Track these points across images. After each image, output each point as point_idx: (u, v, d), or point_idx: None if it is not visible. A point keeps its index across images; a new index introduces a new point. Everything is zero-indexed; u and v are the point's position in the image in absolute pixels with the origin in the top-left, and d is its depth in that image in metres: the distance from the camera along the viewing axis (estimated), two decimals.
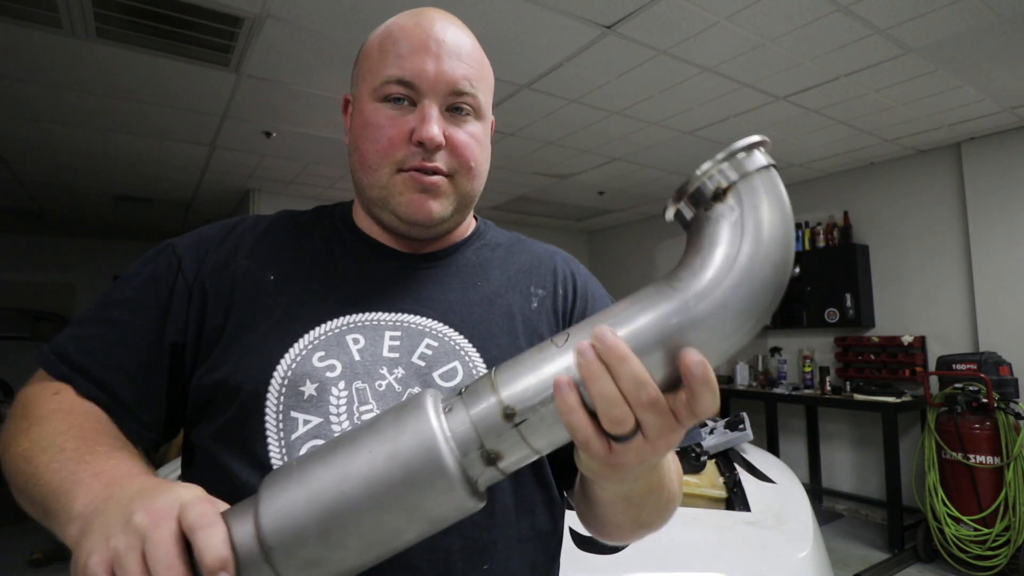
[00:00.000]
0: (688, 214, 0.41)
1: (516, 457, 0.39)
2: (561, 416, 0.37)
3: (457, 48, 0.61)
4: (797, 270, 4.57)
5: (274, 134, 3.52)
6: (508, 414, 0.38)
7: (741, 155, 0.39)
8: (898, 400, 3.64)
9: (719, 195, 0.39)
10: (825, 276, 4.32)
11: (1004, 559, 2.98)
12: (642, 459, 0.39)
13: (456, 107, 0.61)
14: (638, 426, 0.38)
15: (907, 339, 3.91)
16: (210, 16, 2.22)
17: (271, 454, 0.54)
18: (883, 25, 2.33)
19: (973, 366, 3.28)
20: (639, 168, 4.29)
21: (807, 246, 4.52)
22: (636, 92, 2.95)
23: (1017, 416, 3.14)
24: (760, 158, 0.39)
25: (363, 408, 0.56)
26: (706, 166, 0.39)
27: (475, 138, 0.62)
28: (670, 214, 0.41)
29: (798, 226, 4.61)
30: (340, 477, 0.37)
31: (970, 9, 2.22)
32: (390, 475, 0.36)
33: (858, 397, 3.83)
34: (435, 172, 0.60)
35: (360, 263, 0.65)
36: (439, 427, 0.38)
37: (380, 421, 0.40)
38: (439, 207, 0.62)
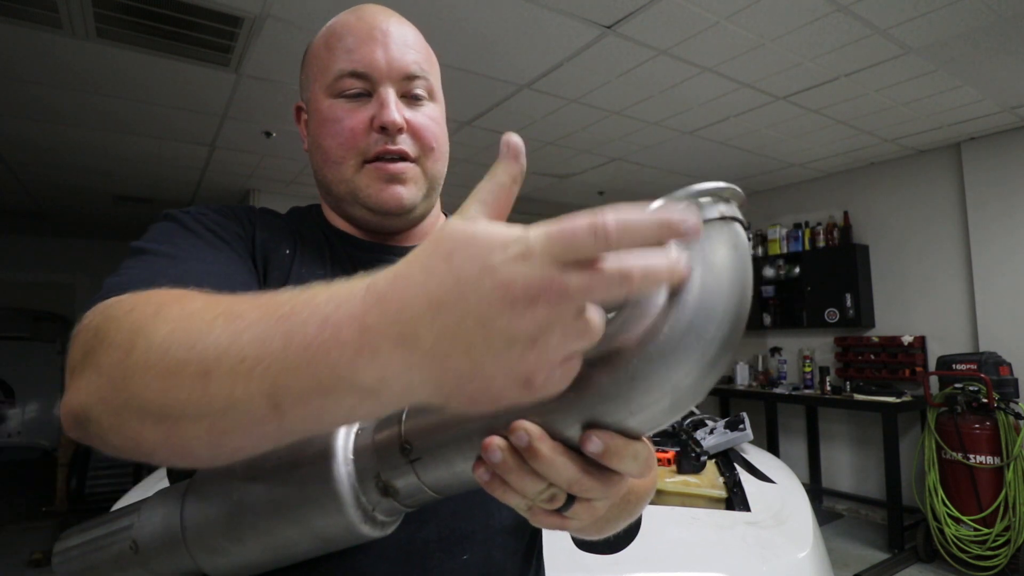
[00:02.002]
0: None
1: (411, 493, 0.36)
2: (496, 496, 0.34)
3: (402, 36, 0.62)
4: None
5: (274, 134, 3.52)
6: (404, 448, 0.35)
7: (689, 202, 0.33)
8: (898, 400, 3.64)
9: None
10: (825, 276, 4.32)
11: (1004, 559, 2.98)
12: (594, 515, 0.36)
13: (412, 93, 0.62)
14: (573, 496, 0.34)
15: (907, 339, 3.91)
16: (210, 16, 2.22)
17: None
18: (883, 25, 2.33)
19: (973, 366, 3.28)
20: (639, 168, 4.29)
21: (807, 246, 4.52)
22: (636, 92, 2.95)
23: (1017, 416, 3.14)
24: (711, 208, 0.33)
25: None
26: (651, 208, 0.33)
27: (434, 120, 0.64)
28: None
29: (798, 226, 4.62)
30: (250, 476, 0.37)
31: (970, 9, 2.22)
32: (287, 486, 0.36)
33: (858, 397, 3.83)
34: (401, 157, 0.61)
35: (348, 258, 0.66)
36: (341, 447, 0.36)
37: None
38: (408, 193, 0.62)
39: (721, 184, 0.33)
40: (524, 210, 5.67)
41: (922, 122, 3.40)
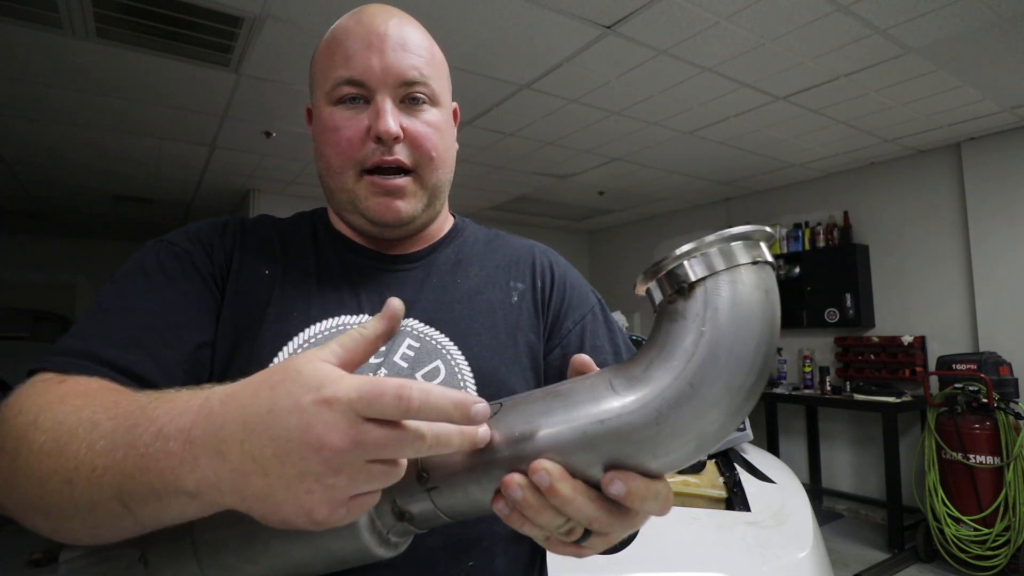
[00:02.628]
0: (656, 297, 0.35)
1: (426, 518, 0.38)
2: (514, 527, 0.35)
3: (401, 39, 0.61)
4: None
5: (274, 134, 3.52)
6: (421, 477, 0.36)
7: (722, 245, 0.33)
8: (898, 400, 3.64)
9: (683, 289, 0.33)
10: (825, 276, 4.32)
11: (1004, 559, 2.98)
12: (609, 544, 0.37)
13: (411, 98, 0.60)
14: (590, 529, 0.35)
15: (907, 339, 3.91)
16: (210, 16, 2.22)
17: None
18: (883, 25, 2.33)
19: (973, 366, 3.28)
20: (639, 168, 4.29)
21: (807, 246, 4.52)
22: (636, 92, 2.95)
23: (1017, 416, 3.14)
24: (744, 253, 0.33)
25: None
26: (684, 249, 0.34)
27: (434, 127, 0.62)
28: (640, 290, 0.37)
29: (798, 226, 4.62)
30: None
31: (970, 9, 2.22)
32: None
33: (858, 397, 3.83)
34: (397, 168, 0.60)
35: (342, 266, 0.65)
36: None
37: None
38: (407, 206, 0.61)
39: (751, 227, 0.34)
40: (524, 210, 5.67)
41: (922, 122, 3.40)
